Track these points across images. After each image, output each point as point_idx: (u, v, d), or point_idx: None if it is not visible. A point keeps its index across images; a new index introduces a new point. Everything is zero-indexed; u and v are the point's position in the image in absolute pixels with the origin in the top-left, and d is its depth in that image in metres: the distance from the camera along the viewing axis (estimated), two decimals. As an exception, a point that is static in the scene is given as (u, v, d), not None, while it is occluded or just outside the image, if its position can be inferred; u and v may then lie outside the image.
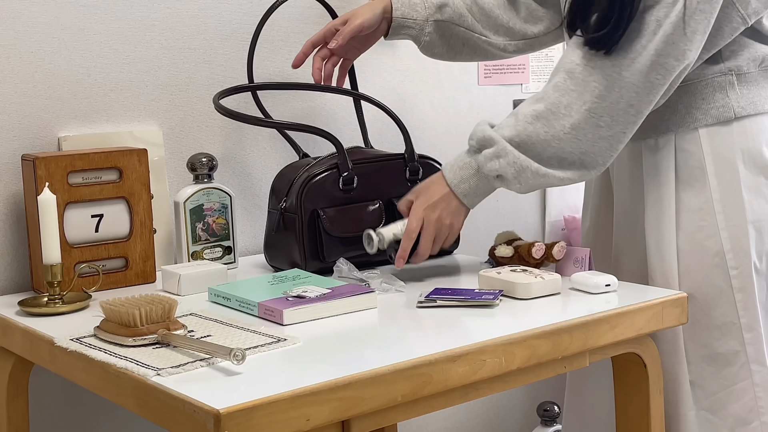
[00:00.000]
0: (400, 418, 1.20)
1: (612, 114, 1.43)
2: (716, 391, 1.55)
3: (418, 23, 1.70)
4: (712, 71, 1.52)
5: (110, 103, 1.72)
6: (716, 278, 1.53)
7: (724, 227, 1.52)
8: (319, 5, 1.85)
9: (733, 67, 1.52)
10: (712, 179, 1.52)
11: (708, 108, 1.52)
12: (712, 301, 1.53)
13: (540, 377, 1.34)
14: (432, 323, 1.35)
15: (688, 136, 1.54)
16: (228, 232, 1.71)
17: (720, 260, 1.52)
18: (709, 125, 1.52)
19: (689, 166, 1.54)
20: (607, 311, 1.38)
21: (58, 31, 1.66)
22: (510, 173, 1.47)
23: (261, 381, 1.11)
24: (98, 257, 1.57)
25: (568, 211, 2.43)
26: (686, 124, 1.53)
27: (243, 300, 1.40)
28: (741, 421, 1.54)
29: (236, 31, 1.86)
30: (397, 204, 1.60)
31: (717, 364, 1.54)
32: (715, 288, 1.53)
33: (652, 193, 1.57)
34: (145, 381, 1.11)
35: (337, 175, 1.64)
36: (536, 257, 1.56)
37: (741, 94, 1.52)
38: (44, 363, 1.35)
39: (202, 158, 1.70)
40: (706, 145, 1.53)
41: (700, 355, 1.55)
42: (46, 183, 1.48)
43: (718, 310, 1.53)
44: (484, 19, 1.73)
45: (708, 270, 1.53)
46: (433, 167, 1.76)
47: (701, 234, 1.53)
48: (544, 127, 1.45)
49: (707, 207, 1.53)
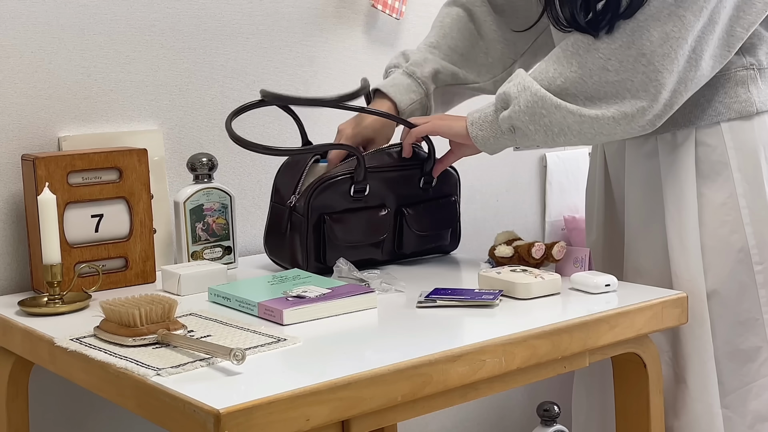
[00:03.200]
0: (400, 418, 1.20)
1: (620, 59, 1.41)
2: (736, 387, 1.54)
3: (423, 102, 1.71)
4: (734, 65, 1.51)
5: (110, 103, 1.72)
6: (740, 274, 1.52)
7: (748, 222, 1.51)
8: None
9: (754, 62, 1.52)
10: (735, 173, 1.51)
11: (730, 102, 1.52)
12: (735, 297, 1.52)
13: (540, 377, 1.34)
14: (432, 323, 1.35)
15: (710, 130, 1.53)
16: (228, 232, 1.71)
17: (744, 256, 1.52)
18: (732, 119, 1.52)
19: (711, 160, 1.53)
20: (606, 311, 1.38)
21: (58, 31, 1.66)
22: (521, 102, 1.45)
23: (261, 381, 1.11)
24: (98, 257, 1.57)
25: (568, 211, 2.43)
26: (708, 117, 1.52)
27: (243, 300, 1.40)
28: (761, 417, 1.53)
29: (236, 31, 1.86)
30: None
31: (738, 361, 1.54)
32: (738, 284, 1.52)
33: (671, 189, 1.55)
34: (145, 381, 1.11)
35: (351, 182, 1.62)
36: (536, 257, 1.56)
37: (762, 89, 1.52)
38: (44, 363, 1.35)
39: (202, 158, 1.70)
40: (729, 140, 1.52)
41: (722, 351, 1.54)
42: (46, 183, 1.48)
43: (741, 306, 1.52)
44: (467, 65, 1.74)
45: (732, 266, 1.52)
46: (450, 174, 1.74)
47: (725, 229, 1.52)
48: (554, 65, 1.46)
49: (731, 202, 1.52)
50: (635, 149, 1.62)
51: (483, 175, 2.28)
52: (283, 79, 1.92)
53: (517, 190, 2.35)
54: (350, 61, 2.02)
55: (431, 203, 1.71)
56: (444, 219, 1.73)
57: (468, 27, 1.75)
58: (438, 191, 1.72)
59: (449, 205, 1.74)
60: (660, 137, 1.56)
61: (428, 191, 1.71)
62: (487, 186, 2.29)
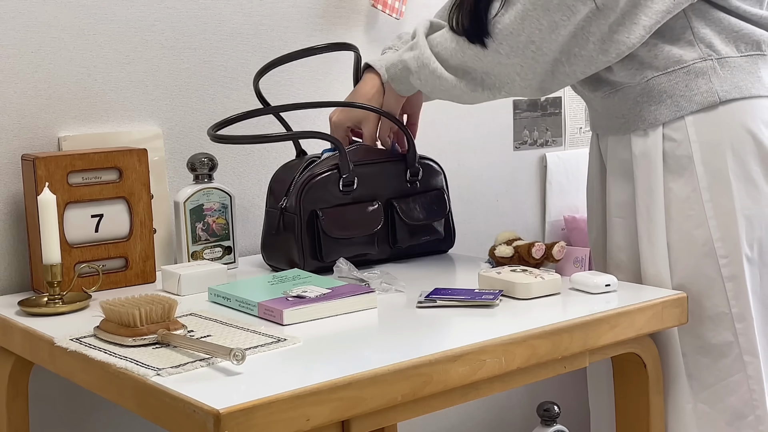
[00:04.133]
0: (400, 418, 1.20)
1: (512, 45, 1.52)
2: (713, 383, 1.54)
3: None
4: (691, 57, 1.52)
5: (110, 103, 1.72)
6: (706, 268, 1.52)
7: (712, 216, 1.51)
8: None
9: (711, 53, 1.52)
10: (698, 167, 1.51)
11: (692, 95, 1.52)
12: (703, 291, 1.52)
13: (540, 377, 1.34)
14: (432, 323, 1.35)
15: (675, 125, 1.53)
16: (228, 232, 1.71)
17: (709, 249, 1.51)
18: (695, 112, 1.52)
19: (676, 155, 1.53)
20: (607, 311, 1.38)
21: (58, 31, 1.66)
22: (413, 66, 1.62)
23: (261, 381, 1.11)
24: (98, 257, 1.57)
25: (568, 211, 2.42)
26: (672, 113, 1.53)
27: (243, 300, 1.40)
28: (738, 414, 1.54)
29: (236, 31, 1.86)
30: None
31: (712, 356, 1.54)
32: (705, 278, 1.52)
33: (642, 185, 1.56)
34: (145, 381, 1.11)
35: (338, 176, 1.64)
36: (536, 257, 1.56)
37: (724, 78, 1.52)
38: (44, 363, 1.35)
39: (202, 158, 1.70)
40: (693, 133, 1.52)
41: (695, 347, 1.54)
42: (46, 183, 1.48)
43: (710, 301, 1.52)
44: None
45: (698, 260, 1.52)
46: (434, 168, 1.76)
47: (690, 224, 1.52)
48: (455, 40, 1.57)
49: (695, 196, 1.52)
50: (614, 145, 1.63)
51: (483, 175, 2.28)
52: (282, 79, 1.91)
53: (517, 190, 2.35)
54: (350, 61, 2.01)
55: (420, 196, 1.74)
56: (435, 210, 1.75)
57: None
58: (426, 184, 1.75)
59: (438, 196, 1.76)
60: (633, 134, 1.58)
61: (416, 184, 1.73)
62: (487, 186, 2.29)
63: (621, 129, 1.59)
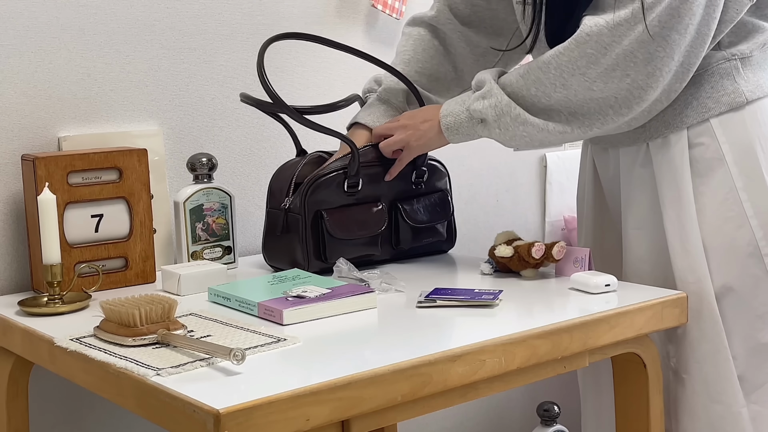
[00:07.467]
0: (400, 418, 1.20)
1: (606, 80, 1.44)
2: (763, 382, 1.53)
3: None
4: (715, 59, 1.51)
5: (110, 103, 1.72)
6: (752, 268, 1.51)
7: (752, 215, 1.51)
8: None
9: (735, 52, 1.52)
10: (732, 168, 1.51)
11: (719, 96, 1.51)
12: (750, 291, 1.51)
13: (540, 377, 1.34)
14: (432, 323, 1.35)
15: (700, 128, 1.53)
16: (228, 232, 1.71)
17: (753, 249, 1.51)
18: (722, 113, 1.51)
19: (705, 158, 1.52)
20: (606, 311, 1.38)
21: (58, 31, 1.66)
22: (491, 115, 1.51)
23: (261, 381, 1.11)
24: (98, 257, 1.57)
25: (568, 211, 2.42)
26: (697, 115, 1.52)
27: (243, 300, 1.40)
28: None
29: (236, 31, 1.86)
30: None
31: (762, 355, 1.53)
32: (751, 278, 1.51)
33: (668, 192, 1.55)
34: (145, 381, 1.11)
35: (344, 177, 1.63)
36: (536, 257, 1.56)
37: (747, 78, 1.52)
38: (44, 363, 1.35)
39: (202, 158, 1.70)
40: (721, 134, 1.52)
41: (746, 348, 1.53)
42: (46, 183, 1.48)
43: (758, 300, 1.52)
44: (436, 84, 1.76)
45: (742, 260, 1.51)
46: (439, 170, 1.76)
47: (730, 225, 1.51)
48: (537, 81, 1.48)
49: (732, 197, 1.51)
50: (629, 157, 1.61)
51: (483, 175, 2.28)
52: (283, 79, 1.92)
53: (517, 190, 2.35)
54: (350, 61, 2.01)
55: (424, 197, 1.74)
56: (438, 212, 1.75)
57: (432, 45, 1.76)
58: (430, 186, 1.75)
59: (442, 198, 1.76)
60: (652, 143, 1.57)
61: (420, 186, 1.73)
62: (487, 186, 2.29)
63: (639, 138, 1.58)
